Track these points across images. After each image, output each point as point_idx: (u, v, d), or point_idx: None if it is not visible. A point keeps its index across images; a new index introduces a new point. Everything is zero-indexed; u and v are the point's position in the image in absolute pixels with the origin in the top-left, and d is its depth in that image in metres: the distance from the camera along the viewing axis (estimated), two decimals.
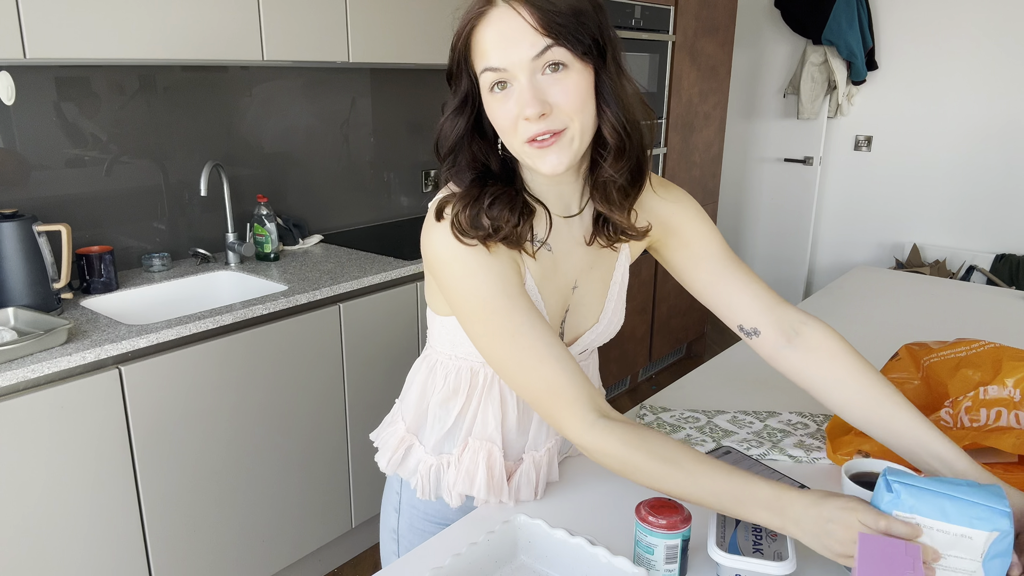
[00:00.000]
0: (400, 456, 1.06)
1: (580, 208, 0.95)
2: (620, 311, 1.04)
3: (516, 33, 0.79)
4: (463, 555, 0.83)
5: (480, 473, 0.99)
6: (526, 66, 0.79)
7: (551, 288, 0.94)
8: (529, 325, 0.85)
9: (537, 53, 0.79)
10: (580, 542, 0.84)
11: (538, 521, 0.88)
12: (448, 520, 1.06)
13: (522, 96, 0.80)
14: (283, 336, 1.97)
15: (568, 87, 0.80)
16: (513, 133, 0.83)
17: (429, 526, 1.07)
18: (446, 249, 0.86)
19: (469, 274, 0.85)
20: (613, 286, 1.01)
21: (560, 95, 0.80)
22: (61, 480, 1.59)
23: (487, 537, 0.86)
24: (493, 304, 0.85)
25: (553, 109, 0.81)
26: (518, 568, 0.89)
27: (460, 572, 0.83)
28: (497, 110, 0.83)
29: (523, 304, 0.86)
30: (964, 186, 3.91)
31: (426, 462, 1.04)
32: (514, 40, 0.79)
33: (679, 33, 3.39)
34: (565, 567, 0.87)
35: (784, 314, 1.01)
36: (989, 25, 3.68)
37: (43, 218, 2.00)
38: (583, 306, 0.99)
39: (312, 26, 2.13)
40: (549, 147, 0.82)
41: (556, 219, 0.94)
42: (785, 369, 1.02)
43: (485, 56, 0.81)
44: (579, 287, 0.98)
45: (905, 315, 1.91)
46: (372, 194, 2.88)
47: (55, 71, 1.97)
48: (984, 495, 0.75)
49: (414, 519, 1.08)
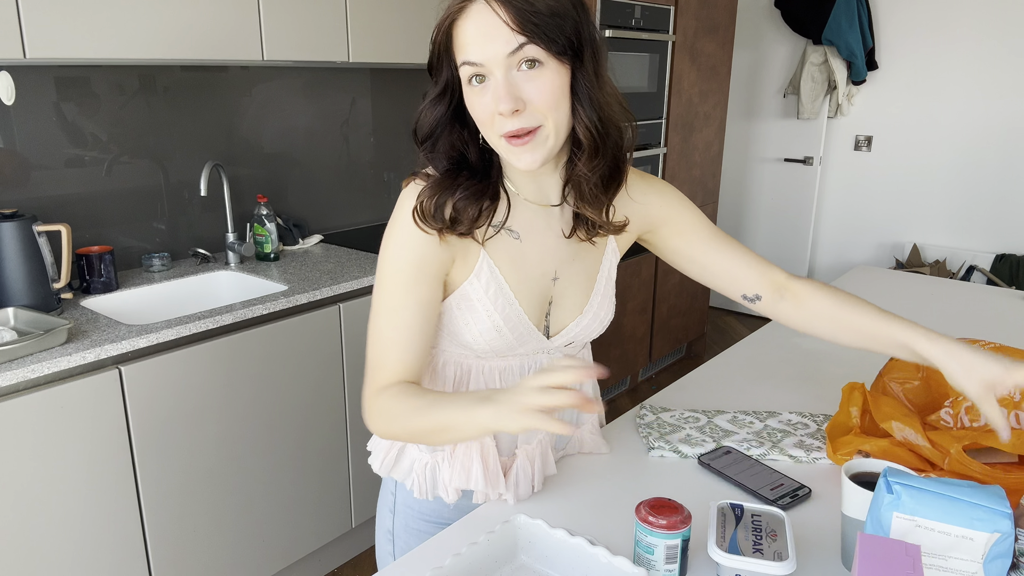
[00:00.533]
0: (393, 457, 1.07)
1: (561, 199, 0.97)
2: (607, 306, 1.05)
3: (493, 29, 0.81)
4: (463, 555, 0.84)
5: (476, 465, 1.00)
6: (501, 62, 0.82)
7: (522, 276, 0.96)
8: (410, 313, 0.91)
9: (512, 50, 0.81)
10: (580, 542, 0.85)
11: (538, 521, 0.89)
12: (444, 519, 1.07)
13: (497, 91, 0.82)
14: (283, 336, 1.97)
15: (542, 85, 0.83)
16: (490, 126, 0.86)
17: (425, 525, 1.08)
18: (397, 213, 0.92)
19: (399, 244, 0.91)
20: (600, 279, 1.03)
21: (534, 92, 0.83)
22: (61, 480, 1.59)
23: (487, 537, 0.87)
24: (397, 277, 0.91)
25: (527, 105, 0.83)
26: (518, 568, 0.90)
27: (460, 572, 0.83)
28: (475, 103, 0.86)
29: (422, 294, 0.91)
30: (964, 186, 3.91)
31: (420, 460, 1.04)
32: (490, 36, 0.81)
33: (679, 33, 3.39)
34: (565, 567, 0.87)
35: (773, 275, 1.10)
36: (989, 25, 3.68)
37: (43, 218, 2.00)
38: (567, 298, 1.01)
39: (312, 26, 2.13)
40: (524, 145, 0.85)
41: (531, 209, 0.97)
42: (784, 320, 1.11)
43: (464, 50, 0.84)
44: (560, 279, 0.99)
45: (905, 315, 1.90)
46: (372, 194, 2.88)
47: (55, 71, 1.97)
48: (985, 496, 0.75)
49: (409, 519, 1.09)
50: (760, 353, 1.63)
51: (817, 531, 0.98)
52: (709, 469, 1.12)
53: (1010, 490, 0.96)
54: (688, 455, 1.17)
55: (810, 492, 1.06)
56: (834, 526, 0.99)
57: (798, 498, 1.04)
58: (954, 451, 1.01)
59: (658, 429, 1.24)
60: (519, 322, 0.96)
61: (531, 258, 0.97)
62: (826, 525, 1.00)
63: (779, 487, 1.06)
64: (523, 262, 0.96)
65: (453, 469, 1.01)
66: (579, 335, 1.05)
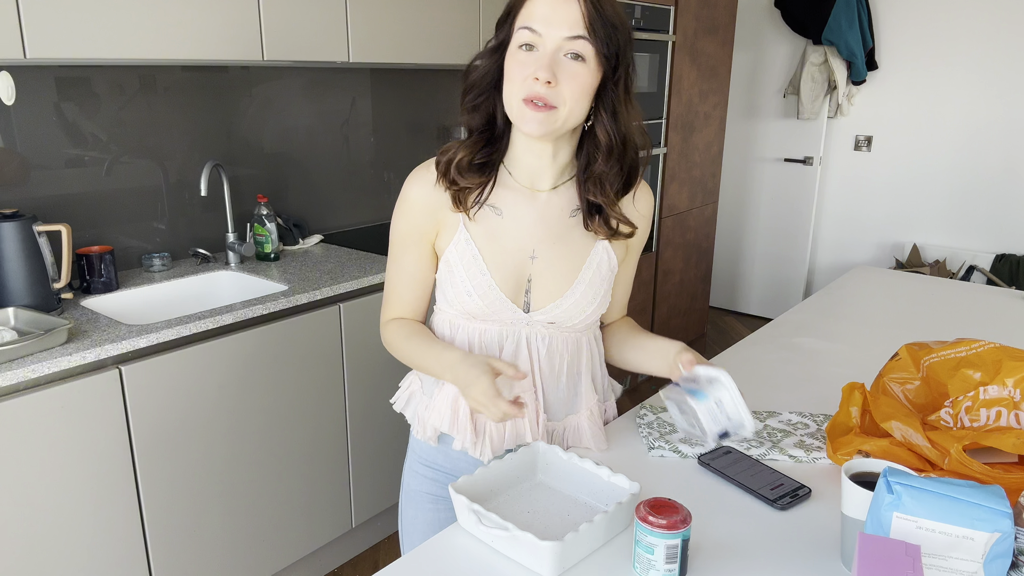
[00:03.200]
0: (405, 397, 1.22)
1: (552, 186, 1.09)
2: (593, 299, 1.11)
3: (565, 13, 0.94)
4: (490, 468, 1.02)
5: (448, 412, 1.13)
6: (558, 41, 0.95)
7: (497, 248, 1.07)
8: (402, 269, 1.13)
9: (571, 36, 0.94)
10: (587, 464, 1.03)
11: (554, 447, 1.07)
12: (438, 467, 1.20)
13: (541, 61, 0.95)
14: (283, 336, 1.97)
15: (577, 76, 0.95)
16: (519, 85, 0.97)
17: (422, 468, 1.22)
18: (404, 187, 1.11)
19: (399, 213, 1.12)
20: (586, 270, 1.10)
21: (567, 79, 0.95)
22: (61, 480, 1.59)
23: (511, 456, 1.05)
24: (396, 235, 1.13)
25: (558, 84, 0.95)
26: (536, 485, 1.07)
27: (487, 483, 1.01)
28: (515, 64, 0.97)
29: (409, 256, 1.12)
30: (964, 186, 3.91)
31: (421, 404, 1.18)
32: (559, 17, 0.94)
33: (679, 33, 3.39)
34: (575, 485, 1.05)
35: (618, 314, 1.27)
36: (989, 25, 3.68)
37: (43, 218, 2.00)
38: (546, 279, 1.09)
39: (312, 26, 2.14)
40: (538, 113, 0.97)
41: (519, 191, 1.08)
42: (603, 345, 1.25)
43: (531, 17, 0.95)
44: (539, 258, 1.09)
45: (905, 315, 1.91)
46: (372, 194, 2.88)
47: (55, 71, 1.97)
48: (985, 496, 0.75)
49: (413, 461, 1.24)
50: (760, 353, 1.63)
51: (817, 531, 0.99)
52: (709, 469, 1.13)
53: (1010, 490, 0.96)
54: (688, 455, 1.17)
55: (810, 492, 1.06)
56: (834, 526, 0.99)
57: (798, 498, 1.04)
58: (954, 451, 1.01)
59: (658, 429, 1.24)
60: (489, 290, 1.07)
61: (510, 233, 1.08)
62: (826, 525, 1.00)
63: (779, 487, 1.07)
64: (501, 236, 1.08)
65: (430, 412, 1.16)
66: (559, 317, 1.11)
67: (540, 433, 1.13)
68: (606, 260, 1.11)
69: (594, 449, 1.17)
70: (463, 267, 1.07)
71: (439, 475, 1.20)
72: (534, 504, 1.03)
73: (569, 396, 1.16)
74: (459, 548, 0.95)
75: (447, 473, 1.19)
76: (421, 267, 1.13)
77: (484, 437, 1.13)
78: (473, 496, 0.99)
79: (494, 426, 1.12)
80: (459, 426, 1.12)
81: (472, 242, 1.07)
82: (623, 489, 0.99)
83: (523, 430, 1.13)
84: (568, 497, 1.05)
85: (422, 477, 1.22)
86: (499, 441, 1.12)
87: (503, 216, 1.07)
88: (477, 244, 1.07)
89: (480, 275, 1.06)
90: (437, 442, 1.17)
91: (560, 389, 1.14)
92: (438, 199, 1.07)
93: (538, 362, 1.11)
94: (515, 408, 0.95)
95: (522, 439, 1.13)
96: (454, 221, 1.08)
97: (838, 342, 1.70)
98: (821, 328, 1.80)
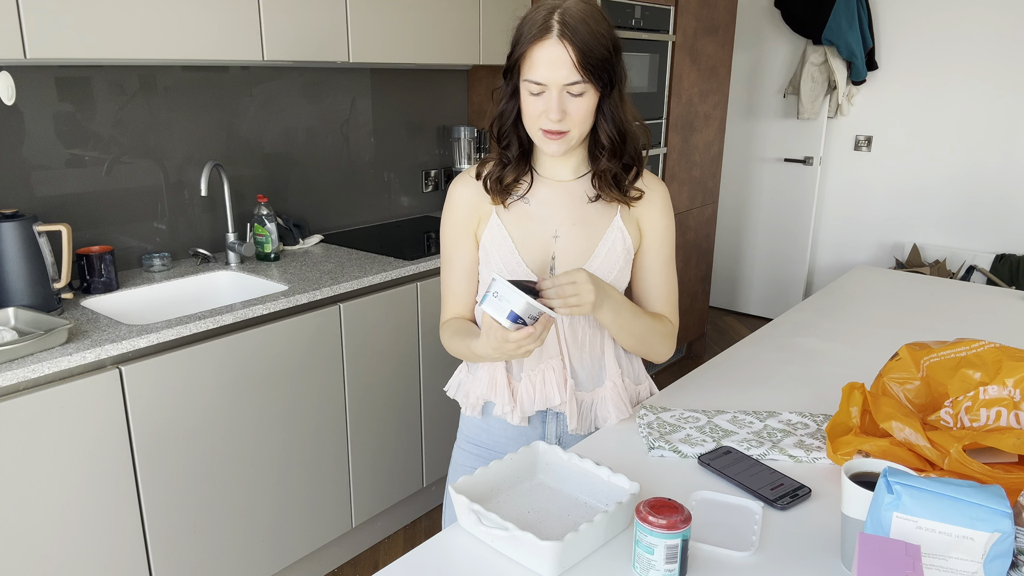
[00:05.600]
0: (456, 383, 1.40)
1: (573, 177, 1.27)
2: (607, 272, 1.25)
3: (560, 63, 1.11)
4: (491, 469, 1.05)
5: (487, 379, 1.31)
6: (559, 86, 1.13)
7: (526, 232, 1.26)
8: (452, 261, 1.31)
9: (570, 82, 1.12)
10: (587, 464, 1.05)
11: (554, 447, 1.10)
12: (482, 444, 1.37)
13: (550, 104, 1.14)
14: (283, 336, 1.97)
15: (580, 106, 1.15)
16: (535, 121, 1.17)
17: (470, 446, 1.39)
18: (448, 194, 1.31)
19: (446, 217, 1.31)
20: (601, 247, 1.25)
21: (573, 109, 1.15)
22: (61, 480, 1.59)
23: (511, 457, 1.08)
24: (445, 237, 1.32)
25: (567, 116, 1.15)
26: (536, 485, 1.10)
27: (487, 482, 1.04)
28: (530, 106, 1.17)
29: (459, 253, 1.30)
30: (964, 186, 3.91)
31: (465, 383, 1.36)
32: (557, 66, 1.11)
33: (679, 33, 3.39)
34: (575, 485, 1.07)
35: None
36: (989, 26, 3.68)
37: (43, 218, 2.00)
38: (568, 256, 1.26)
39: (312, 26, 2.14)
40: (555, 140, 1.18)
41: (546, 183, 1.28)
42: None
43: (533, 70, 1.13)
44: (561, 237, 1.26)
45: (905, 315, 1.91)
46: (372, 194, 2.88)
47: (55, 71, 1.97)
48: (985, 496, 0.75)
49: (461, 440, 1.42)
50: (760, 353, 1.63)
51: (817, 531, 0.99)
52: (709, 469, 1.13)
53: (1010, 490, 0.96)
54: (688, 455, 1.17)
55: (810, 492, 1.06)
56: (834, 526, 0.99)
57: (798, 498, 1.04)
58: (954, 451, 1.01)
59: (658, 429, 1.24)
60: (517, 267, 1.24)
61: (536, 217, 1.26)
62: (826, 525, 1.00)
63: (779, 487, 1.07)
64: (529, 220, 1.26)
65: (472, 384, 1.34)
66: None
67: (568, 397, 1.27)
68: (620, 239, 1.26)
69: (613, 418, 1.28)
70: (495, 249, 1.25)
71: (483, 451, 1.37)
72: (534, 504, 1.05)
73: (595, 369, 1.30)
74: (459, 548, 0.95)
75: (490, 450, 1.36)
76: (471, 258, 1.30)
77: (518, 402, 1.28)
78: (473, 496, 1.01)
79: (525, 390, 1.28)
80: (498, 391, 1.29)
81: (503, 227, 1.25)
82: (623, 489, 1.01)
83: (552, 394, 1.27)
84: (568, 497, 1.07)
85: (467, 453, 1.39)
86: (529, 404, 1.28)
87: (530, 204, 1.27)
88: (508, 229, 1.25)
89: (510, 254, 1.24)
90: (481, 414, 1.35)
91: (584, 361, 1.29)
92: (478, 194, 1.27)
93: (563, 331, 1.27)
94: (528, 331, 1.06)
95: (551, 402, 1.27)
96: (489, 211, 1.27)
97: (838, 342, 1.70)
98: (821, 328, 1.80)
